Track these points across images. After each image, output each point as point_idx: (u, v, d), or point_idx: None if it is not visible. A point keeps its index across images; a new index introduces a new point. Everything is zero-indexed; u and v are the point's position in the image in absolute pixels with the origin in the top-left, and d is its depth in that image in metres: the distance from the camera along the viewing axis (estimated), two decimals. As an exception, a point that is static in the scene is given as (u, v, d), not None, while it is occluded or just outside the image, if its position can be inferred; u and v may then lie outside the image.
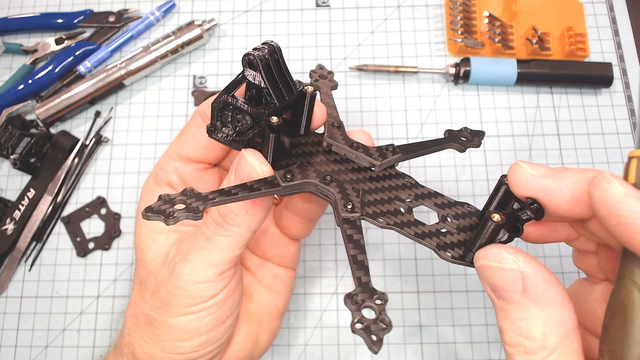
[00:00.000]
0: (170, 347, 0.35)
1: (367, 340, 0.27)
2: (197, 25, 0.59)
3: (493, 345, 0.51)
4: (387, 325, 0.27)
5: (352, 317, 0.28)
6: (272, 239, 0.42)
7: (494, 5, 0.61)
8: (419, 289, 0.52)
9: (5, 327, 0.53)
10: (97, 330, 0.53)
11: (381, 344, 0.27)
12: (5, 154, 0.56)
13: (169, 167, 0.39)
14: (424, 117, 0.58)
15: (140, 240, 0.38)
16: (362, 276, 0.29)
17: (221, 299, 0.35)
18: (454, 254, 0.31)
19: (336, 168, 0.34)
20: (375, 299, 0.28)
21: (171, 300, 0.34)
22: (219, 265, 0.34)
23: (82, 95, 0.58)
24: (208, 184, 0.40)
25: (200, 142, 0.38)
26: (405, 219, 0.32)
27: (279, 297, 0.42)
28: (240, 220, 0.33)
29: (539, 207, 0.27)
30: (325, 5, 0.63)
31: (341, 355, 0.51)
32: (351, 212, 0.31)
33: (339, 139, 0.35)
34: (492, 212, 0.27)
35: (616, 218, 0.23)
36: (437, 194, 0.34)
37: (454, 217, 0.33)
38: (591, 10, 0.61)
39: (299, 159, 0.34)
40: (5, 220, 0.55)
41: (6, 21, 0.63)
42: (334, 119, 0.36)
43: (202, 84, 0.60)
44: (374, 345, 0.27)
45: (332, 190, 0.32)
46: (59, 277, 0.54)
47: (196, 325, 0.34)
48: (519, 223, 0.28)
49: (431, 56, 0.60)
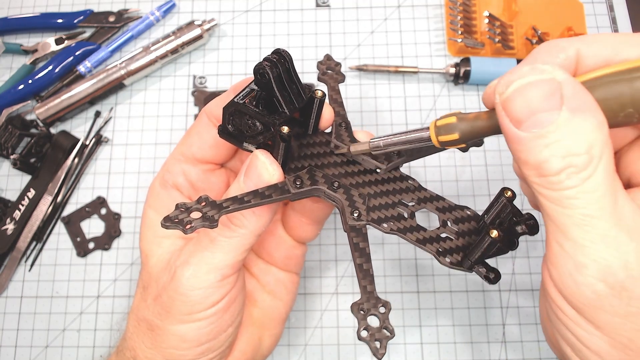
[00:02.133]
0: (171, 354, 0.35)
1: (372, 347, 0.29)
2: (197, 25, 0.59)
3: (493, 345, 0.51)
4: (390, 333, 0.30)
5: (358, 325, 0.30)
6: (278, 240, 0.42)
7: (494, 5, 0.61)
8: (419, 289, 0.52)
9: (5, 327, 0.53)
10: (97, 330, 0.53)
11: (385, 350, 0.29)
12: (5, 154, 0.56)
13: (176, 169, 0.39)
14: (424, 117, 0.58)
15: (145, 245, 0.38)
16: (368, 285, 0.31)
17: (222, 307, 0.34)
18: (452, 259, 0.33)
19: (343, 171, 0.35)
20: (380, 307, 0.30)
21: (172, 306, 0.34)
22: (221, 270, 0.33)
23: (82, 95, 0.58)
24: (215, 185, 0.40)
25: (208, 142, 0.38)
26: (407, 224, 0.33)
27: (282, 303, 0.42)
28: (246, 221, 0.33)
29: (534, 223, 0.29)
30: (325, 5, 0.63)
31: (341, 355, 0.51)
32: (357, 220, 0.33)
33: (346, 141, 0.36)
34: (491, 228, 0.29)
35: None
36: (438, 198, 0.35)
37: (454, 221, 0.34)
38: (591, 10, 0.61)
39: (307, 161, 0.35)
40: (5, 220, 0.55)
41: (6, 21, 0.63)
42: (342, 118, 0.37)
43: (202, 84, 0.60)
44: (378, 352, 0.29)
45: (339, 197, 0.33)
46: (59, 277, 0.54)
47: (197, 335, 0.34)
48: (515, 237, 0.30)
49: (431, 56, 0.60)
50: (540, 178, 0.24)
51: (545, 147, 0.23)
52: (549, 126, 0.23)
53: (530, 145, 0.24)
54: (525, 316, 0.51)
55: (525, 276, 0.52)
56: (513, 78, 0.25)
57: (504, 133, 0.25)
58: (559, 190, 0.23)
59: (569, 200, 0.23)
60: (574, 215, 0.23)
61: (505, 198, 0.30)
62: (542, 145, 0.23)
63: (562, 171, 0.23)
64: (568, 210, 0.23)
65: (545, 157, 0.23)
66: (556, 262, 0.24)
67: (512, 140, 0.25)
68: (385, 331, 0.30)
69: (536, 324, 0.51)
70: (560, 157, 0.23)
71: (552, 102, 0.23)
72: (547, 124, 0.23)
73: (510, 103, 0.25)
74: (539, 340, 0.50)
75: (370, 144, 0.33)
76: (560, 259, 0.24)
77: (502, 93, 0.25)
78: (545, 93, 0.24)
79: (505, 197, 0.30)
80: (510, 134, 0.25)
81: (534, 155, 0.24)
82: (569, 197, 0.23)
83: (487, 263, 0.32)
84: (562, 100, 0.23)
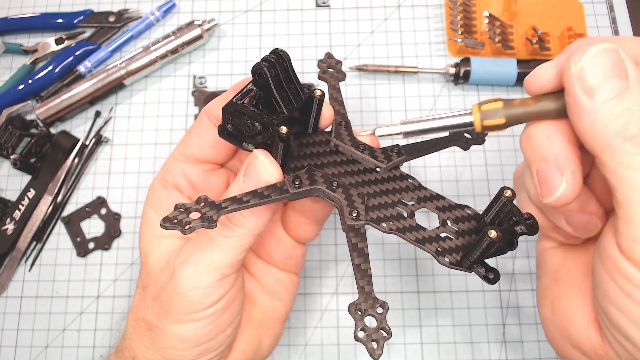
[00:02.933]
0: (169, 354, 0.35)
1: (368, 348, 0.29)
2: (197, 25, 0.59)
3: (493, 345, 0.51)
4: (387, 334, 0.30)
5: (355, 326, 0.30)
6: (278, 240, 0.42)
7: (494, 5, 0.61)
8: (419, 289, 0.52)
9: (5, 327, 0.53)
10: (97, 330, 0.53)
11: (382, 351, 0.29)
12: (5, 154, 0.56)
13: (176, 169, 0.39)
14: (424, 117, 0.58)
15: (145, 244, 0.38)
16: (365, 285, 0.31)
17: (220, 307, 0.34)
18: (451, 259, 0.32)
19: (342, 170, 0.35)
20: (377, 308, 0.30)
21: (170, 306, 0.34)
22: (219, 269, 0.33)
23: (82, 95, 0.58)
24: (215, 185, 0.40)
25: (208, 142, 0.38)
26: (407, 224, 0.33)
27: (282, 303, 0.42)
28: (246, 221, 0.33)
29: (533, 223, 0.29)
30: (325, 5, 0.63)
31: (341, 355, 0.51)
32: (356, 219, 0.32)
33: (345, 140, 0.36)
34: (490, 228, 0.29)
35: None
36: (438, 197, 0.35)
37: (454, 220, 0.34)
38: (591, 10, 0.61)
39: (306, 160, 0.35)
40: (5, 220, 0.55)
41: (6, 21, 0.63)
42: (342, 117, 0.37)
43: (202, 84, 0.60)
44: (375, 352, 0.29)
45: (337, 196, 0.33)
46: (59, 277, 0.54)
47: (195, 335, 0.34)
48: (514, 238, 0.29)
49: (431, 56, 0.60)
50: (625, 143, 0.24)
51: (624, 111, 0.24)
52: (623, 91, 0.25)
53: (607, 112, 0.25)
54: (525, 316, 0.51)
55: (525, 276, 0.52)
56: (585, 50, 0.26)
57: (574, 108, 0.26)
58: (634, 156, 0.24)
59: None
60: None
61: (504, 198, 0.30)
62: (620, 110, 0.24)
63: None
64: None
65: (625, 121, 0.24)
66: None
67: (586, 113, 0.25)
68: (382, 332, 0.30)
69: (536, 324, 0.51)
70: (638, 120, 0.24)
71: (621, 70, 0.25)
72: (622, 89, 0.25)
73: (584, 71, 0.26)
74: (539, 340, 0.50)
75: (402, 127, 0.32)
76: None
77: (578, 62, 0.26)
78: (615, 61, 0.25)
79: (504, 196, 0.30)
80: (584, 107, 0.25)
81: (614, 122, 0.24)
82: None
83: (486, 263, 0.32)
84: (627, 71, 0.25)
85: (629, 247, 0.25)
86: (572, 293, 0.32)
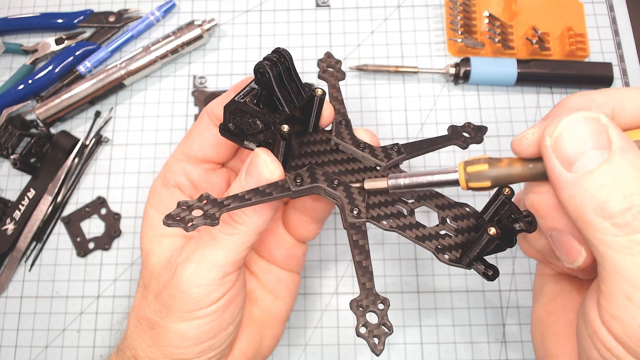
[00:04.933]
0: (171, 353, 0.35)
1: (370, 343, 0.29)
2: (197, 25, 0.59)
3: (493, 345, 0.51)
4: (388, 329, 0.30)
5: (357, 322, 0.30)
6: (279, 239, 0.42)
7: (494, 5, 0.61)
8: (419, 289, 0.52)
9: (5, 327, 0.53)
10: (97, 330, 0.53)
11: (383, 346, 0.29)
12: (5, 154, 0.56)
13: (177, 168, 0.39)
14: (424, 117, 0.58)
15: (146, 243, 0.38)
16: (367, 282, 0.31)
17: (222, 305, 0.34)
18: (451, 256, 0.33)
19: (343, 168, 0.36)
20: (378, 304, 0.31)
21: (172, 304, 0.34)
22: (221, 267, 0.34)
23: (82, 95, 0.58)
24: (216, 185, 0.40)
25: (210, 141, 0.38)
26: (407, 222, 0.34)
27: (283, 303, 0.42)
28: (247, 219, 0.33)
29: (532, 220, 0.29)
30: (325, 5, 0.63)
31: (341, 355, 0.51)
32: (357, 217, 0.33)
33: (346, 139, 0.36)
34: (489, 225, 0.29)
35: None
36: (438, 195, 0.35)
37: (453, 218, 0.34)
38: (591, 10, 0.61)
39: (307, 159, 0.36)
40: (5, 220, 0.55)
41: (6, 21, 0.63)
42: (342, 116, 0.38)
43: (202, 84, 0.60)
44: (376, 347, 0.29)
45: (338, 194, 0.34)
46: (59, 277, 0.54)
47: (197, 333, 0.34)
48: (513, 235, 0.30)
49: (431, 56, 0.60)
50: (604, 222, 0.22)
51: (603, 187, 0.22)
52: (602, 165, 0.23)
53: (585, 187, 0.23)
54: (525, 316, 0.51)
55: (525, 276, 0.52)
56: (559, 120, 0.24)
57: (553, 180, 0.25)
58: (626, 234, 0.22)
59: (639, 246, 0.22)
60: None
61: (503, 195, 0.30)
62: (599, 185, 0.22)
63: (626, 211, 0.22)
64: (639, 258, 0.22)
65: (604, 197, 0.22)
66: (622, 317, 0.23)
67: (565, 185, 0.24)
68: (383, 327, 0.30)
69: (536, 324, 0.51)
70: (620, 196, 0.22)
71: (602, 140, 0.23)
72: (601, 162, 0.23)
73: (560, 142, 0.24)
74: (539, 340, 0.50)
75: (389, 183, 0.32)
76: (628, 312, 0.22)
77: (552, 133, 0.24)
78: (594, 130, 0.23)
79: (503, 194, 0.30)
80: (562, 179, 0.24)
81: (592, 198, 0.23)
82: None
83: (485, 260, 0.32)
84: (610, 140, 0.23)
85: (609, 321, 0.24)
86: (560, 331, 0.32)
